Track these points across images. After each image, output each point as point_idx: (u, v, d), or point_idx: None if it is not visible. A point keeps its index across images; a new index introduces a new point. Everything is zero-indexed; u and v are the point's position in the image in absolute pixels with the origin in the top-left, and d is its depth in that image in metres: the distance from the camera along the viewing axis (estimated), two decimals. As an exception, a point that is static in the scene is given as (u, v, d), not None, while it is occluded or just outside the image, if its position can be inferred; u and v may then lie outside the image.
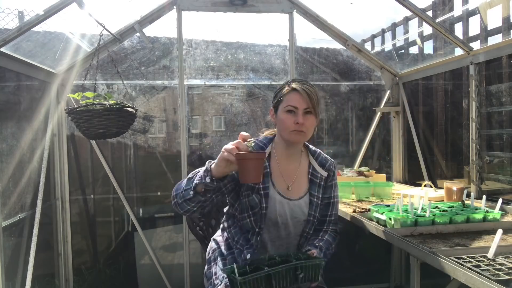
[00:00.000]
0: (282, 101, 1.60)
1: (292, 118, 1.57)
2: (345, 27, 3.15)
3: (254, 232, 1.61)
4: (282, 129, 1.61)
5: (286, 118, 1.58)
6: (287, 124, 1.57)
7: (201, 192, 1.39)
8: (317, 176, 1.71)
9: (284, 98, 1.60)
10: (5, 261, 2.17)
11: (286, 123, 1.57)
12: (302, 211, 1.65)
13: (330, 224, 1.76)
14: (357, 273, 3.31)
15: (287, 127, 1.57)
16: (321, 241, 1.66)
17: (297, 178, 1.69)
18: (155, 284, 3.10)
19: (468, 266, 1.25)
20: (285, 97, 1.60)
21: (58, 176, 2.95)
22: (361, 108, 3.48)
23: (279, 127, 1.63)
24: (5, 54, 2.21)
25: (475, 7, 2.68)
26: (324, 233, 1.72)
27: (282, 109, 1.59)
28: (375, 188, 2.56)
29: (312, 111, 1.59)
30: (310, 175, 1.70)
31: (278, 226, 1.63)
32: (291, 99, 1.58)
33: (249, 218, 1.60)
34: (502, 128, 2.37)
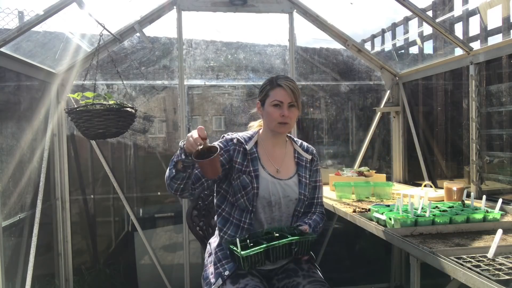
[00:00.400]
0: (268, 96, 1.79)
1: (278, 111, 1.76)
2: (345, 27, 3.16)
3: (248, 210, 1.75)
4: (269, 121, 1.80)
5: (273, 112, 1.77)
6: (274, 116, 1.76)
7: (181, 169, 1.57)
8: (302, 159, 1.91)
9: (271, 93, 1.78)
10: (5, 261, 2.17)
11: (273, 115, 1.77)
12: (293, 190, 1.82)
13: (318, 207, 1.95)
14: (357, 273, 3.32)
15: (274, 119, 1.77)
16: (310, 220, 1.85)
17: (284, 162, 1.87)
18: (155, 284, 3.10)
19: (468, 266, 1.25)
20: (271, 92, 1.78)
21: (58, 176, 2.95)
22: (361, 108, 3.48)
23: (267, 119, 1.81)
24: (5, 54, 2.21)
25: (475, 7, 2.67)
26: (312, 214, 1.91)
27: (269, 103, 1.78)
28: (375, 188, 2.56)
29: (295, 104, 1.79)
30: (296, 159, 1.90)
31: (271, 205, 1.79)
32: (277, 94, 1.77)
33: (243, 198, 1.75)
34: (502, 128, 2.37)
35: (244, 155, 1.78)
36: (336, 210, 2.31)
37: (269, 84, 1.81)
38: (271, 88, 1.79)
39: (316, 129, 3.44)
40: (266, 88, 1.81)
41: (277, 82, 1.78)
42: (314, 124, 3.43)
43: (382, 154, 3.49)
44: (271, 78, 1.84)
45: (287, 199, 1.81)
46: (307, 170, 1.89)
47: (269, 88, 1.79)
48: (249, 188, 1.74)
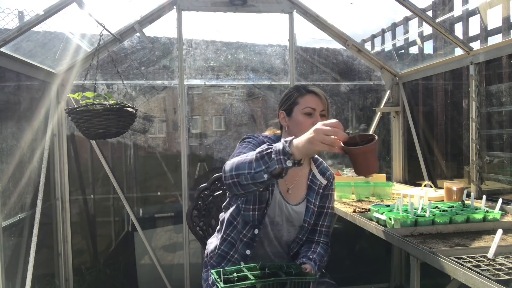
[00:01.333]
0: (298, 103, 1.61)
1: (310, 119, 1.58)
2: (345, 27, 3.16)
3: (254, 225, 1.62)
4: (298, 131, 1.53)
5: (304, 120, 1.59)
6: (306, 125, 1.54)
7: (277, 176, 1.26)
8: (316, 183, 1.72)
9: (300, 100, 1.62)
10: (5, 261, 2.17)
11: (305, 124, 1.56)
12: (298, 217, 1.67)
13: (322, 236, 1.75)
14: (357, 273, 3.32)
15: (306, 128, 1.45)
16: (314, 253, 1.66)
17: (297, 182, 1.70)
18: (155, 284, 3.10)
19: (468, 266, 1.25)
20: (302, 99, 1.62)
21: (58, 176, 2.95)
22: (361, 108, 3.48)
23: (295, 129, 1.60)
24: (5, 54, 2.21)
25: (475, 7, 2.67)
26: (316, 245, 1.72)
27: (299, 111, 1.60)
28: (375, 188, 2.56)
29: (326, 114, 1.63)
30: (309, 181, 1.72)
31: (274, 225, 1.66)
32: (308, 101, 1.61)
33: (253, 211, 1.60)
34: (502, 128, 2.37)
35: None
36: (336, 210, 2.31)
37: (296, 91, 1.65)
38: (300, 95, 1.62)
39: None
40: (293, 95, 1.64)
41: (307, 88, 1.64)
42: (314, 124, 3.42)
43: (382, 154, 3.49)
44: (295, 86, 1.69)
45: (290, 224, 1.67)
46: (318, 196, 1.70)
47: (298, 95, 1.62)
48: (263, 205, 1.59)
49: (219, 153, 3.24)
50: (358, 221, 2.01)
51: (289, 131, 1.64)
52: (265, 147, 1.26)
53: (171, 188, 3.24)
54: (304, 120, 1.58)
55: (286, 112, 1.65)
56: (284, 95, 1.69)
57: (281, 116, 1.67)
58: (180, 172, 2.98)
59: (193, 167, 3.21)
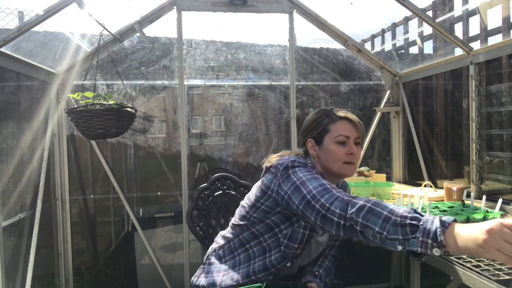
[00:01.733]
0: (330, 130, 1.48)
1: (343, 148, 1.46)
2: (345, 27, 3.16)
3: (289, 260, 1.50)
4: (331, 161, 1.46)
5: (337, 149, 1.46)
6: (339, 155, 1.45)
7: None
8: None
9: (333, 127, 1.48)
10: (5, 261, 2.17)
11: (338, 154, 1.46)
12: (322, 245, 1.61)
13: (333, 249, 1.70)
14: (357, 273, 3.31)
15: (339, 158, 1.46)
16: (320, 268, 1.61)
17: None
18: (155, 284, 3.10)
19: (468, 266, 1.25)
20: (334, 126, 1.48)
21: (58, 176, 2.95)
22: (361, 108, 3.48)
23: (327, 158, 1.48)
24: (5, 54, 2.21)
25: (475, 7, 2.67)
26: (324, 258, 1.66)
27: (331, 139, 1.47)
28: (375, 188, 2.56)
29: (360, 142, 1.52)
30: None
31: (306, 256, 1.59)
32: (342, 128, 1.48)
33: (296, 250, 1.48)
34: (502, 128, 2.37)
35: None
36: (336, 210, 2.31)
37: (326, 117, 1.50)
38: (332, 121, 1.49)
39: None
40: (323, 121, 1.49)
41: (339, 114, 1.50)
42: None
43: (382, 154, 3.49)
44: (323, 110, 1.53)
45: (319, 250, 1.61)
46: None
47: (329, 121, 1.49)
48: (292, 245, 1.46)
49: (219, 153, 3.24)
50: (358, 221, 2.01)
51: (319, 161, 1.51)
52: (412, 213, 1.06)
53: (171, 188, 3.24)
54: (337, 149, 1.46)
55: (315, 140, 1.51)
56: (311, 121, 1.54)
57: (309, 145, 1.52)
58: (180, 172, 2.98)
59: (193, 167, 3.21)
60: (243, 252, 1.57)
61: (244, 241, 1.57)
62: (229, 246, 1.62)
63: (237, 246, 1.59)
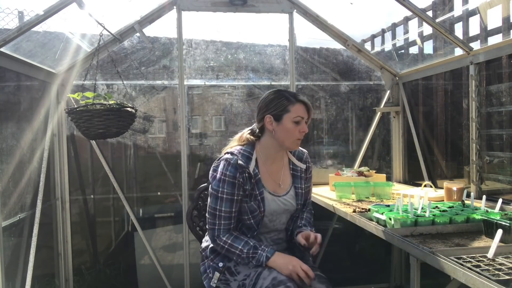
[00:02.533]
0: (289, 111, 1.73)
1: (298, 127, 1.74)
2: (345, 27, 3.16)
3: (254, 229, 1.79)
4: (286, 137, 1.75)
5: (293, 127, 1.74)
6: (295, 132, 1.74)
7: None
8: (297, 170, 1.90)
9: (292, 108, 1.73)
10: (5, 261, 2.17)
11: (294, 131, 1.74)
12: (291, 203, 1.85)
13: (308, 205, 2.02)
14: (357, 273, 3.32)
15: (294, 135, 1.75)
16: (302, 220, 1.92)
17: (283, 176, 1.86)
18: (155, 284, 3.10)
19: (468, 266, 1.25)
20: (293, 107, 1.74)
21: (58, 176, 2.95)
22: (361, 108, 3.48)
23: (283, 134, 1.75)
24: (5, 54, 2.21)
25: (475, 7, 2.67)
26: (302, 213, 1.97)
27: (290, 119, 1.73)
28: (375, 188, 2.56)
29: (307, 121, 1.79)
30: (292, 170, 1.89)
31: (273, 221, 1.82)
32: (300, 110, 1.74)
33: (249, 220, 1.77)
34: (502, 128, 2.37)
35: (249, 179, 1.74)
36: (336, 210, 2.31)
37: (286, 99, 1.75)
38: (291, 103, 1.74)
39: (316, 129, 3.44)
40: (283, 103, 1.74)
41: (298, 97, 1.76)
42: (314, 124, 3.43)
43: (382, 154, 3.49)
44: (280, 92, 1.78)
45: (287, 211, 1.85)
46: (302, 180, 1.89)
47: (288, 103, 1.74)
48: (257, 212, 1.75)
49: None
50: (358, 221, 2.01)
51: (274, 134, 1.76)
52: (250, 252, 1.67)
53: (171, 188, 3.24)
54: (293, 128, 1.74)
55: (274, 117, 1.75)
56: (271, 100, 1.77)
57: (267, 120, 1.76)
58: (180, 172, 2.99)
59: (193, 167, 3.22)
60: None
61: None
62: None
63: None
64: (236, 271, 1.73)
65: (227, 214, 1.72)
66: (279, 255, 1.66)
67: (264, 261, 1.65)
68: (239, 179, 1.71)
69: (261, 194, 1.76)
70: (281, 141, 1.77)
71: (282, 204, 1.82)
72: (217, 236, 1.73)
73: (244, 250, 1.67)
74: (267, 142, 1.81)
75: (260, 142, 1.83)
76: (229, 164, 1.73)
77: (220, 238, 1.72)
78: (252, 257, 1.66)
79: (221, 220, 1.72)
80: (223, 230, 1.73)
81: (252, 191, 1.74)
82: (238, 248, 1.68)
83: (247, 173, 1.74)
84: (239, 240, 1.70)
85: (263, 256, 1.65)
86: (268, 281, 1.60)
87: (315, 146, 3.43)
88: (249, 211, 1.75)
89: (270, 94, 1.80)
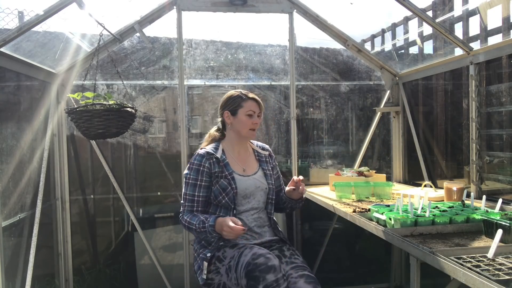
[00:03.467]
0: (242, 106, 2.07)
1: (250, 119, 2.07)
2: (345, 27, 3.16)
3: (231, 208, 2.00)
4: (241, 127, 2.08)
5: (246, 120, 2.07)
6: (247, 124, 2.07)
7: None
8: (262, 156, 2.22)
9: (245, 104, 2.08)
10: (5, 261, 2.17)
11: (247, 123, 2.07)
12: (261, 181, 2.11)
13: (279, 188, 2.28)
14: (357, 273, 3.32)
15: (248, 126, 2.07)
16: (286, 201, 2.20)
17: (248, 162, 2.16)
18: (155, 284, 3.10)
19: (468, 266, 1.25)
20: (246, 103, 2.08)
21: (58, 176, 2.95)
22: (361, 108, 3.48)
23: (239, 125, 2.08)
24: (5, 54, 2.21)
25: (475, 7, 2.68)
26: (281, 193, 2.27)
27: (243, 113, 2.07)
28: (375, 188, 2.55)
29: (260, 115, 2.13)
30: (257, 157, 2.21)
31: (248, 198, 2.05)
32: (251, 105, 2.08)
33: (224, 199, 1.98)
34: (502, 128, 2.37)
35: (217, 163, 2.02)
36: (336, 210, 2.31)
37: (239, 97, 2.08)
38: (243, 100, 2.08)
39: (316, 129, 3.44)
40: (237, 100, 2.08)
41: (249, 95, 2.09)
42: (314, 124, 3.43)
43: (382, 154, 3.49)
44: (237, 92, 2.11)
45: (259, 189, 2.09)
46: (268, 164, 2.21)
47: (241, 100, 2.07)
48: (229, 189, 1.98)
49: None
50: (358, 221, 2.01)
51: (232, 126, 2.10)
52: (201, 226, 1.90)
53: (171, 188, 3.24)
54: (246, 120, 2.06)
55: (231, 112, 2.09)
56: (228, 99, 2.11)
57: (226, 115, 2.10)
58: (180, 172, 2.98)
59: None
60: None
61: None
62: None
63: None
64: (223, 257, 1.89)
65: (191, 197, 1.99)
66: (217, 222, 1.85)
67: (211, 231, 1.86)
68: (205, 165, 1.99)
69: (230, 174, 2.02)
70: (238, 131, 2.09)
71: (253, 182, 2.08)
72: (181, 217, 2.00)
73: (197, 225, 1.89)
74: (229, 134, 2.15)
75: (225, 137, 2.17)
76: (197, 155, 2.05)
77: (183, 218, 1.98)
78: (204, 231, 1.88)
79: (186, 202, 2.00)
80: (187, 211, 1.99)
81: (222, 172, 2.01)
82: (194, 224, 1.91)
83: (214, 158, 2.02)
84: (195, 217, 1.93)
85: (209, 227, 1.86)
86: (248, 257, 1.74)
87: (315, 146, 3.43)
88: (222, 189, 1.99)
89: (227, 94, 2.14)
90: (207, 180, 2.01)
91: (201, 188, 2.00)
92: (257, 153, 2.22)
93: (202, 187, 2.00)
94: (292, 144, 3.12)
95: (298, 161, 3.19)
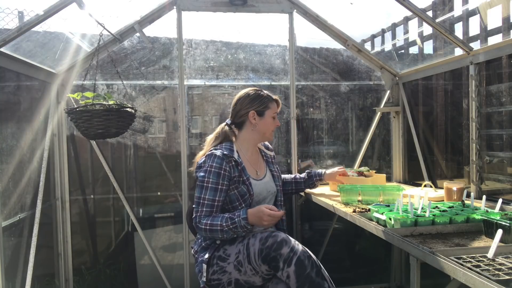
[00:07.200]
0: (270, 108, 2.05)
1: (274, 121, 2.08)
2: (345, 27, 3.16)
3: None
4: (267, 129, 2.07)
5: (272, 122, 2.07)
6: (273, 126, 2.08)
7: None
8: (268, 157, 2.23)
9: (271, 105, 2.06)
10: (5, 261, 2.17)
11: (271, 125, 2.07)
12: (271, 185, 2.12)
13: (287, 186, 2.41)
14: (357, 273, 3.32)
15: (271, 128, 2.08)
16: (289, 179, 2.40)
17: (259, 164, 2.16)
18: (155, 284, 3.10)
19: (468, 266, 1.25)
20: (272, 105, 2.07)
21: (58, 176, 2.95)
22: (361, 108, 3.48)
23: (264, 127, 2.05)
24: (5, 54, 2.21)
25: (475, 7, 2.68)
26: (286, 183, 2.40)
27: (270, 115, 2.05)
28: (384, 192, 2.45)
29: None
30: (265, 157, 2.21)
31: (260, 202, 2.03)
32: (275, 107, 2.09)
33: (241, 205, 1.95)
34: (502, 128, 2.37)
35: (236, 167, 1.96)
36: (336, 210, 2.31)
37: (267, 98, 2.05)
38: (270, 101, 2.06)
39: (316, 129, 3.44)
40: (265, 101, 2.04)
41: (273, 97, 2.09)
42: (314, 124, 3.43)
43: (382, 154, 3.49)
44: (262, 92, 2.06)
45: (270, 193, 2.09)
46: (274, 164, 2.22)
47: (269, 101, 2.05)
48: (247, 195, 1.95)
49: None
50: (358, 221, 2.01)
51: (255, 127, 2.05)
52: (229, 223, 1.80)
53: (171, 188, 3.24)
54: (272, 122, 2.06)
55: (257, 112, 2.04)
56: (255, 98, 2.04)
57: (251, 115, 2.03)
58: (180, 172, 2.99)
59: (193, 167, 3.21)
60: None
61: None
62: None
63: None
64: (226, 255, 1.86)
65: (210, 202, 1.88)
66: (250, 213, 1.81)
67: (244, 224, 1.79)
68: (226, 168, 1.90)
69: (248, 179, 1.98)
70: (262, 133, 2.07)
71: (264, 186, 2.06)
72: (198, 222, 1.87)
73: (224, 224, 1.80)
74: (247, 135, 2.07)
75: (238, 137, 2.08)
76: (215, 156, 1.92)
77: (201, 222, 1.85)
78: (234, 227, 1.80)
79: (203, 207, 1.88)
80: (204, 216, 1.87)
81: (240, 177, 1.95)
82: (218, 224, 1.81)
83: (233, 161, 1.94)
84: (217, 217, 1.84)
85: (241, 221, 1.79)
86: (257, 245, 1.75)
87: (315, 146, 3.43)
88: (240, 196, 1.94)
89: (249, 91, 2.06)
90: (227, 184, 1.92)
91: (221, 193, 1.90)
92: (264, 153, 2.20)
93: (222, 191, 1.90)
94: (292, 144, 3.12)
95: (298, 161, 3.20)
